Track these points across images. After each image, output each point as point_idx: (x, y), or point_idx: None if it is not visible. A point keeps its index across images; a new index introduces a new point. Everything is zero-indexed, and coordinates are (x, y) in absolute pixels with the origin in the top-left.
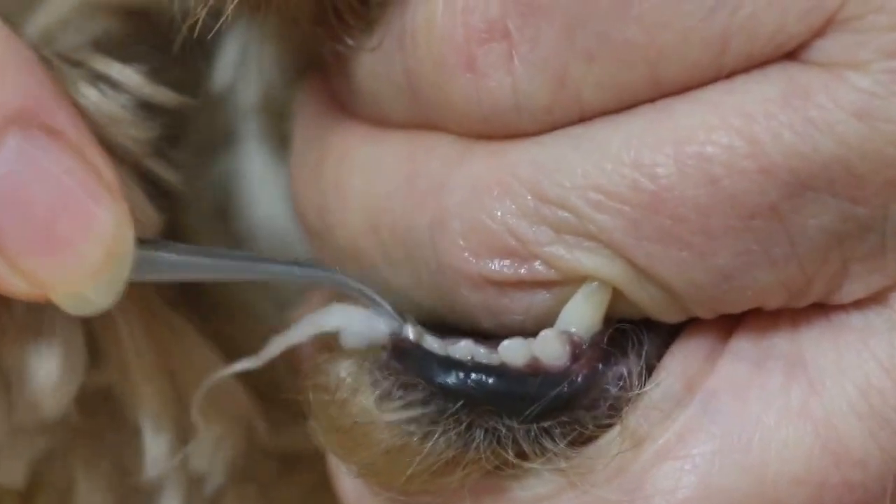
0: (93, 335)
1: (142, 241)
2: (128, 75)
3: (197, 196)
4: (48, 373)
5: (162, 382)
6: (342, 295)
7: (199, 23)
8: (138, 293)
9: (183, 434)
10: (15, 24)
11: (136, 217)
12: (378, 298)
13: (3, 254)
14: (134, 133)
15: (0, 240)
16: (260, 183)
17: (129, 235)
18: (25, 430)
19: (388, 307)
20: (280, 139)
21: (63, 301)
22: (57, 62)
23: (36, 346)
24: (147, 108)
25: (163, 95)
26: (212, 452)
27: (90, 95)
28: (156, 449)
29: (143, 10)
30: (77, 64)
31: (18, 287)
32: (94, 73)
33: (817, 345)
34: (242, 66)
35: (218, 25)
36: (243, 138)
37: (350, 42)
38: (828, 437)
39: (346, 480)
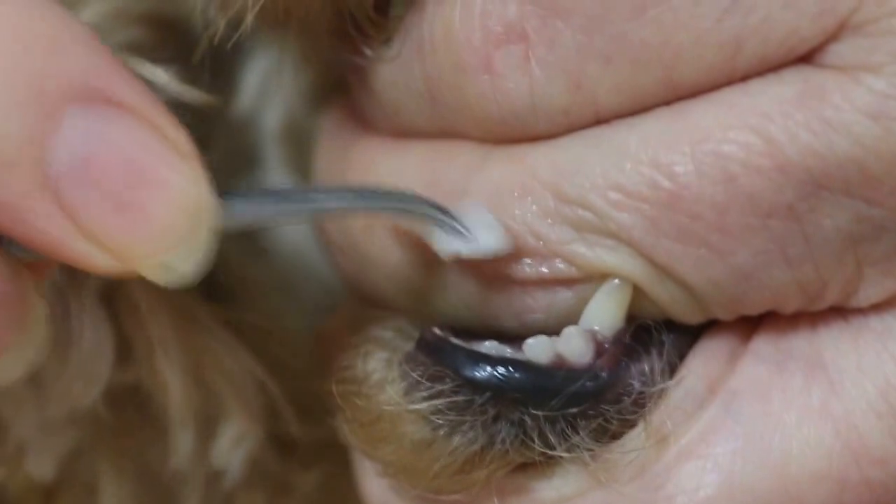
0: (121, 329)
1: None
2: (160, 76)
3: None
4: (78, 366)
5: (188, 378)
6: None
7: (220, 32)
8: (167, 288)
9: (206, 430)
10: None
11: None
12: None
13: (84, 231)
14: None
15: (79, 217)
16: None
17: (208, 198)
18: (55, 424)
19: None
20: (302, 165)
21: (150, 271)
22: None
23: (66, 340)
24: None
25: (193, 95)
26: (233, 447)
27: None
28: (182, 444)
29: (170, 21)
30: None
31: (104, 262)
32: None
33: (836, 346)
34: (265, 91)
35: (237, 35)
36: (265, 163)
37: (369, 53)
38: (848, 437)
39: (372, 481)
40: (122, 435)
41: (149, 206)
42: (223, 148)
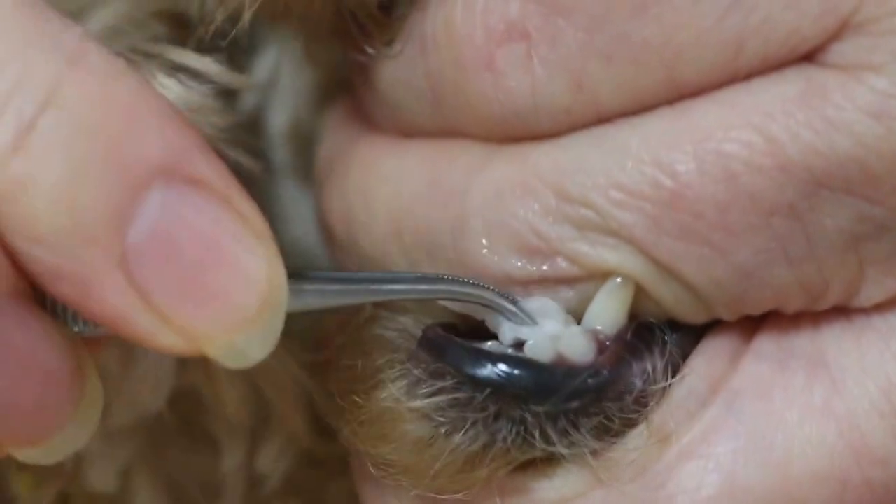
0: None
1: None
2: (207, 63)
3: None
4: (145, 372)
5: (243, 382)
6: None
7: (215, 26)
8: None
9: (253, 438)
10: None
11: None
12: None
13: (154, 309)
14: (216, 120)
15: (151, 295)
16: (289, 205)
17: (282, 282)
18: (118, 433)
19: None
20: (307, 166)
21: (219, 354)
22: (132, 55)
23: (129, 348)
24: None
25: (239, 81)
26: (280, 454)
27: (170, 86)
28: (233, 450)
29: (185, 18)
30: (151, 57)
31: (172, 342)
32: (171, 64)
33: (839, 345)
34: (271, 90)
35: (235, 29)
36: (272, 163)
37: (371, 51)
38: (850, 436)
39: (369, 482)
40: (163, 445)
41: (222, 287)
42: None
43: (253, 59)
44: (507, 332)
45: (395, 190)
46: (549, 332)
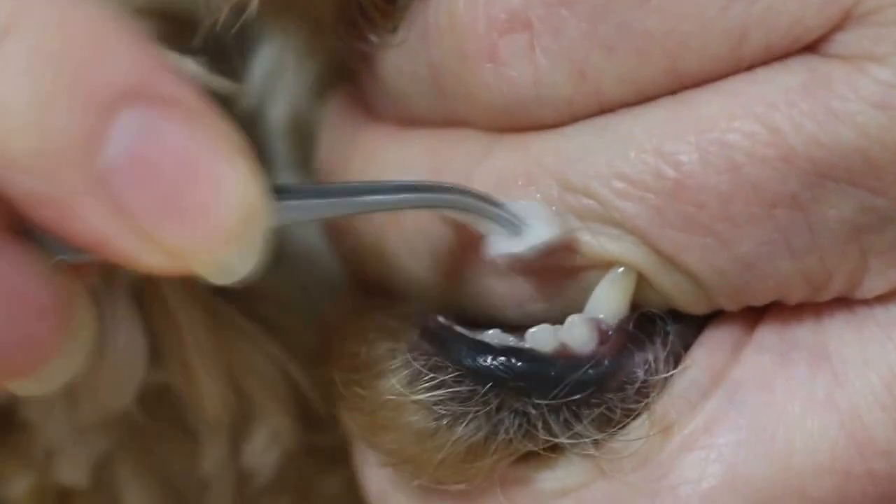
0: (154, 331)
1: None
2: (187, 64)
3: None
4: (112, 369)
5: (222, 378)
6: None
7: (222, 18)
8: (199, 289)
9: (236, 433)
10: None
11: None
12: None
13: (138, 229)
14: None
15: (133, 215)
16: None
17: (262, 194)
18: (87, 428)
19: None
20: (308, 159)
21: (205, 269)
22: None
23: (99, 343)
24: None
25: (221, 84)
26: (266, 448)
27: None
28: (214, 447)
29: (175, 15)
30: None
31: (158, 261)
32: None
33: (841, 336)
34: (270, 85)
35: (240, 21)
36: (272, 159)
37: (374, 39)
38: (853, 428)
39: (371, 472)
40: (148, 439)
41: (203, 203)
42: None
43: (254, 53)
44: (496, 244)
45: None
46: (541, 237)
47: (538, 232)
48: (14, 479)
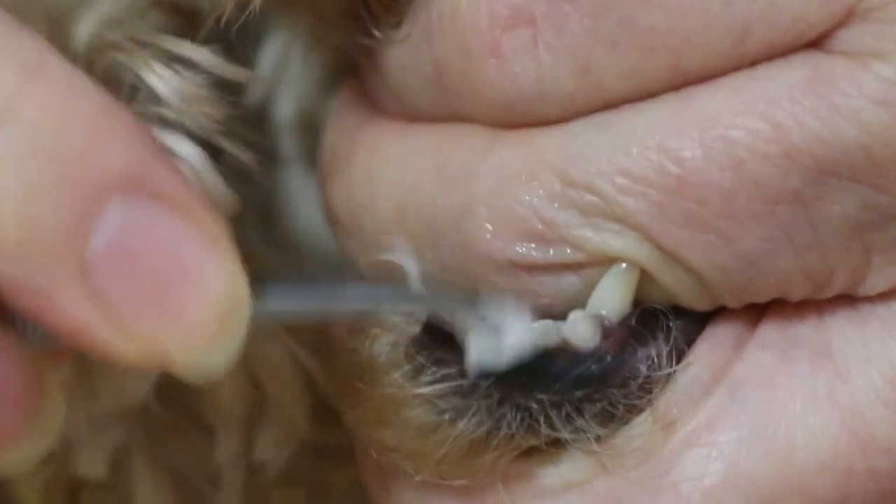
0: None
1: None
2: (203, 54)
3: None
4: None
5: (237, 373)
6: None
7: (227, 13)
8: None
9: (249, 426)
10: (65, 23)
11: (212, 200)
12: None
13: (114, 321)
14: (210, 111)
15: (111, 306)
16: (297, 193)
17: (244, 293)
18: (105, 420)
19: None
20: (315, 153)
21: (181, 366)
22: (127, 44)
23: None
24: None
25: (236, 73)
26: (279, 441)
27: (166, 76)
28: (227, 439)
29: (185, 8)
30: (147, 46)
31: (135, 354)
32: (167, 54)
33: (843, 334)
34: (277, 79)
35: (244, 16)
36: (280, 154)
37: (378, 34)
38: (854, 425)
39: (373, 468)
40: (160, 431)
41: (181, 300)
42: (236, 139)
43: (260, 47)
44: (473, 352)
45: (400, 174)
46: (517, 346)
47: (514, 340)
48: (31, 474)
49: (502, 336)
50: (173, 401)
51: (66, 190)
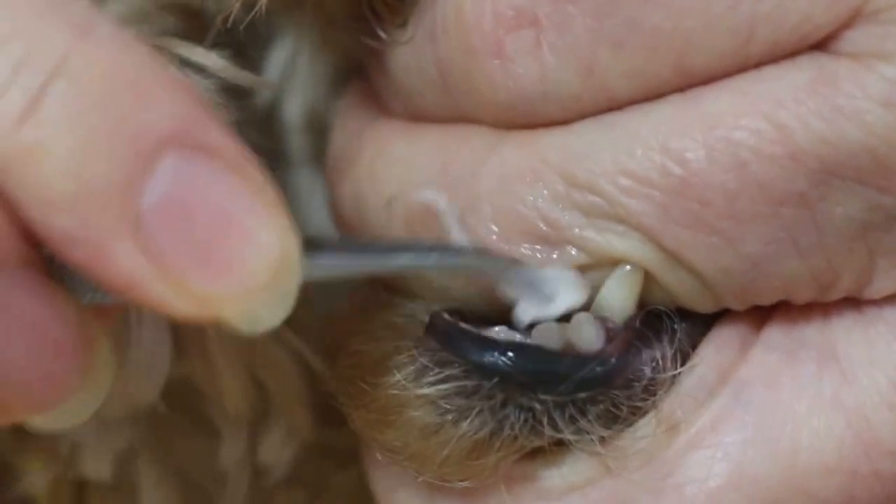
0: (175, 325)
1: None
2: (212, 59)
3: None
4: (138, 364)
5: (242, 371)
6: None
7: (233, 14)
8: None
9: (255, 429)
10: None
11: None
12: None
13: (167, 275)
14: (220, 116)
15: (164, 261)
16: (306, 193)
17: (294, 249)
18: (112, 423)
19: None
20: (324, 153)
21: (233, 319)
22: None
23: (126, 339)
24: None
25: (244, 77)
26: (283, 443)
27: None
28: (233, 441)
29: (197, 11)
30: (157, 50)
31: (186, 308)
32: (175, 57)
33: (849, 336)
34: (286, 80)
35: (250, 17)
36: (288, 156)
37: (383, 35)
38: (859, 428)
39: (378, 469)
40: (166, 432)
41: (234, 255)
42: (246, 141)
43: (269, 50)
44: (523, 310)
45: (405, 174)
46: (567, 304)
47: (564, 299)
48: (37, 474)
49: (553, 292)
50: (179, 403)
51: (120, 144)
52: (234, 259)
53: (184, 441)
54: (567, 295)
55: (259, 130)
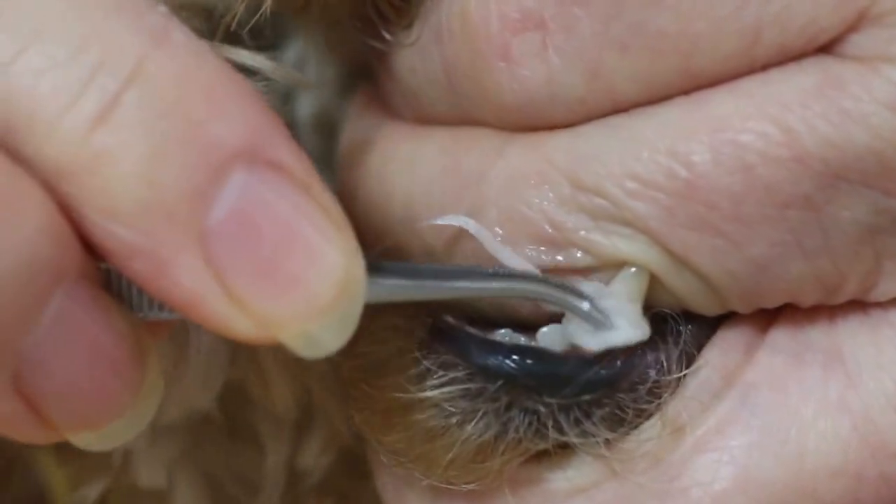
0: None
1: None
2: (262, 62)
3: None
4: (196, 368)
5: (292, 381)
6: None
7: (238, 16)
8: None
9: (297, 436)
10: None
11: None
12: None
13: (229, 292)
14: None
15: (226, 277)
16: None
17: (360, 273)
18: (167, 429)
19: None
20: (334, 156)
21: (293, 341)
22: None
23: (185, 342)
24: None
25: (297, 79)
26: (323, 449)
27: None
28: (278, 446)
29: (209, 11)
30: None
31: (243, 327)
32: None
33: (855, 339)
34: (295, 84)
35: (254, 20)
36: None
37: (389, 37)
38: (865, 431)
39: (384, 472)
40: (205, 439)
41: (299, 274)
42: None
43: (278, 53)
44: (579, 336)
45: (412, 176)
46: (625, 339)
47: (623, 334)
48: (91, 484)
49: (617, 317)
50: (225, 409)
51: (192, 155)
52: (299, 277)
53: (220, 448)
54: (624, 330)
55: None
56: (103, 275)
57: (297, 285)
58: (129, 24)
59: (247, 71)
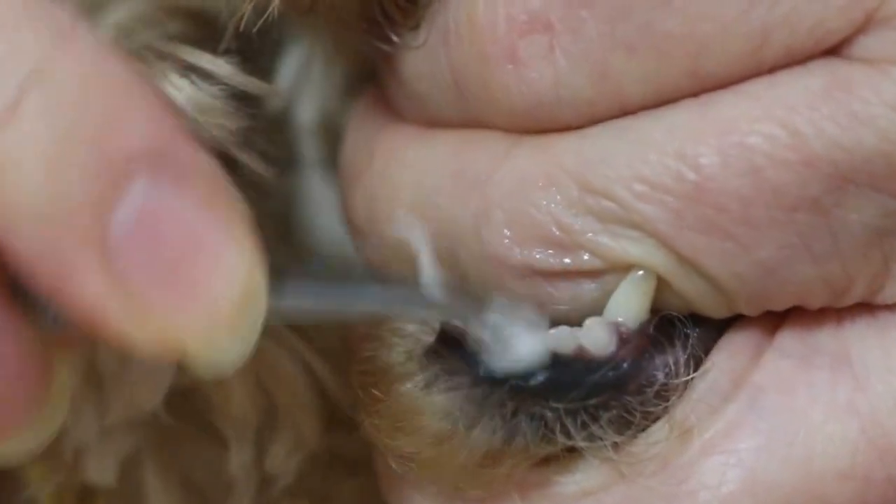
0: None
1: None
2: (220, 65)
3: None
4: (141, 370)
5: (250, 383)
6: None
7: (245, 17)
8: None
9: (262, 437)
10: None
11: None
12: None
13: (133, 299)
14: (225, 122)
15: (129, 283)
16: (319, 197)
17: (261, 283)
18: (116, 429)
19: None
20: (337, 157)
21: (194, 356)
22: (146, 54)
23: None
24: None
25: (252, 84)
26: (290, 453)
27: (182, 86)
28: (240, 449)
29: (206, 16)
30: (164, 56)
31: (149, 338)
32: (184, 64)
33: (863, 342)
34: (299, 85)
35: (261, 21)
36: (301, 161)
37: (396, 39)
38: (874, 434)
39: (391, 477)
40: (171, 440)
41: (199, 282)
42: (259, 145)
43: (282, 55)
44: (485, 361)
45: (418, 179)
46: (523, 356)
47: (527, 350)
48: (42, 482)
49: (516, 345)
50: (184, 410)
51: (94, 160)
52: (198, 287)
53: (190, 448)
54: (529, 348)
55: (272, 135)
56: (10, 285)
57: (199, 290)
58: (32, 24)
59: (210, 76)
